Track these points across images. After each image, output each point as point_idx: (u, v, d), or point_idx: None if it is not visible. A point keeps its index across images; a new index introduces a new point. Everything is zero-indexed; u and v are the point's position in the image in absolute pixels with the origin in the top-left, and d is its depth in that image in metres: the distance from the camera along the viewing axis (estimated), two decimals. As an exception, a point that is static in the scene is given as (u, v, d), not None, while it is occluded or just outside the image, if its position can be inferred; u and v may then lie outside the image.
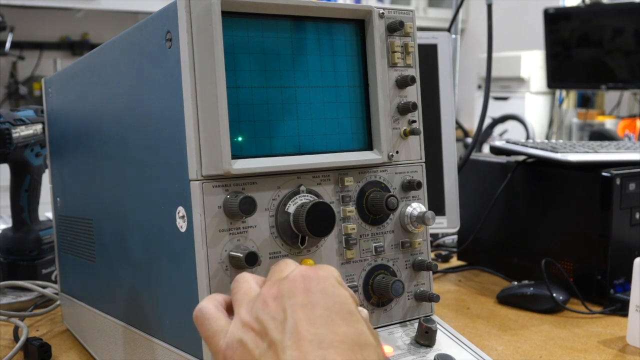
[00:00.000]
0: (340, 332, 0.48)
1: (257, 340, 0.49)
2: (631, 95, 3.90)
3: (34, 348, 0.87)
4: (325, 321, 0.49)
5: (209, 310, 0.54)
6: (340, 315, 0.50)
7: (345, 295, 0.51)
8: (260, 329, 0.49)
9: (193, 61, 0.60)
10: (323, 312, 0.49)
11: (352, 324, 0.49)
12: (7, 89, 3.96)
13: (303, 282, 0.51)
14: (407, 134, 0.73)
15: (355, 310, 0.51)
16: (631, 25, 3.37)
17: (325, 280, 0.51)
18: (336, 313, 0.50)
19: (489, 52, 1.29)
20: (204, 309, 0.54)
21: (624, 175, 1.10)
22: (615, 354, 0.93)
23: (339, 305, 0.50)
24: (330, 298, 0.50)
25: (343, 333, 0.48)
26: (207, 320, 0.53)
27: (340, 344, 0.48)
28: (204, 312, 0.54)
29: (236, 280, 0.56)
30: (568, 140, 1.67)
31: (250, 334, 0.50)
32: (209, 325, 0.53)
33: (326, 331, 0.48)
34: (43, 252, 1.14)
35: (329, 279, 0.52)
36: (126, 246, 0.75)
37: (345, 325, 0.49)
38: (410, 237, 0.74)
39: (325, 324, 0.49)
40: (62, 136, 0.95)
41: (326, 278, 0.52)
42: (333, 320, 0.49)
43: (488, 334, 1.00)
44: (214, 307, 0.54)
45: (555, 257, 1.14)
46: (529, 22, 4.18)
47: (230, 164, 0.60)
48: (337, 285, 0.52)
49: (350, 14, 0.70)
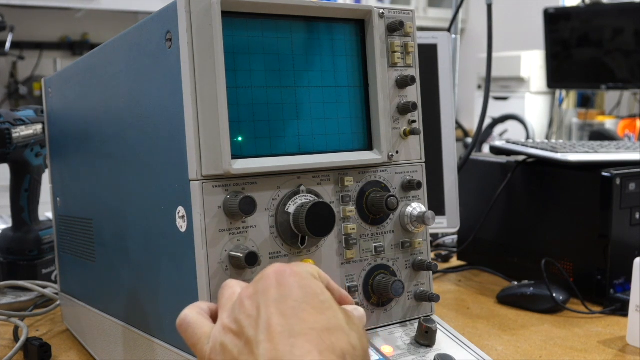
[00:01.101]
0: (310, 319, 0.49)
1: (235, 340, 0.50)
2: (631, 95, 3.90)
3: (34, 348, 0.87)
4: (296, 312, 0.50)
5: (191, 317, 0.55)
6: (311, 305, 0.50)
7: (319, 287, 0.52)
8: (238, 329, 0.51)
9: (193, 61, 0.60)
10: (294, 304, 0.50)
11: (323, 312, 0.50)
12: (7, 89, 3.96)
13: (276, 277, 0.52)
14: (407, 134, 0.73)
15: (329, 299, 0.52)
16: (631, 25, 3.37)
17: (299, 274, 0.52)
18: (307, 303, 0.51)
19: (489, 52, 1.29)
20: (187, 317, 0.55)
21: (624, 175, 1.10)
22: (615, 354, 0.93)
23: (311, 296, 0.51)
24: (302, 289, 0.51)
25: (313, 320, 0.49)
26: (191, 327, 0.55)
27: (310, 330, 0.49)
28: (187, 320, 0.55)
29: (222, 287, 0.57)
30: (568, 140, 1.67)
31: (229, 336, 0.51)
32: (192, 332, 0.54)
33: (296, 321, 0.49)
34: (43, 252, 1.14)
35: (302, 273, 0.53)
36: (126, 246, 0.75)
37: (316, 313, 0.50)
38: (410, 237, 0.74)
39: (296, 314, 0.50)
40: (62, 136, 0.95)
41: (299, 272, 0.53)
42: (304, 310, 0.50)
43: (488, 334, 1.00)
44: (197, 314, 0.56)
45: (555, 257, 1.14)
46: (529, 22, 4.18)
47: (230, 164, 0.60)
48: (311, 278, 0.53)
49: (350, 14, 0.70)
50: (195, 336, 0.54)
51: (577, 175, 1.14)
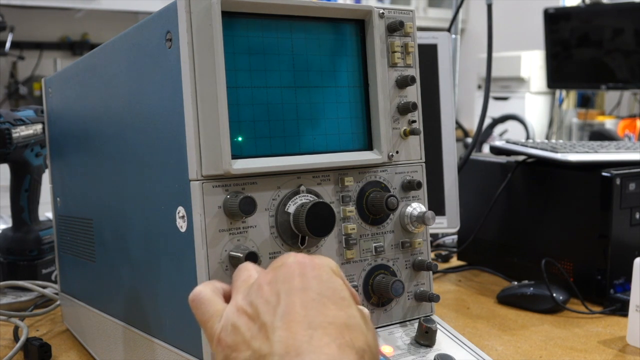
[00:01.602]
0: (330, 314, 0.50)
1: (249, 324, 0.50)
2: (631, 95, 3.90)
3: (34, 348, 0.87)
4: (317, 305, 0.50)
5: (205, 294, 0.55)
6: (332, 300, 0.51)
7: (339, 283, 0.53)
8: (253, 312, 0.50)
9: (193, 61, 0.60)
10: (315, 296, 0.50)
11: (343, 308, 0.51)
12: (7, 89, 3.96)
13: (299, 268, 0.52)
14: (407, 134, 0.73)
15: (349, 297, 0.52)
16: (631, 25, 3.37)
17: (320, 268, 0.52)
18: (328, 298, 0.51)
19: (489, 52, 1.29)
20: (201, 294, 0.55)
21: (624, 175, 1.10)
22: (615, 354, 0.93)
23: (332, 291, 0.51)
24: (324, 284, 0.51)
25: (333, 315, 0.50)
26: (203, 304, 0.54)
27: (329, 325, 0.49)
28: (200, 296, 0.55)
29: (238, 269, 0.57)
30: (568, 140, 1.67)
31: (243, 318, 0.51)
32: (205, 309, 0.54)
33: (316, 313, 0.49)
34: (43, 252, 1.14)
35: (323, 267, 0.53)
36: (126, 246, 0.75)
37: (336, 309, 0.50)
38: (410, 237, 0.74)
39: (317, 307, 0.50)
40: (62, 136, 0.95)
41: (321, 266, 0.53)
42: (324, 305, 0.50)
43: (488, 334, 1.00)
44: (211, 292, 0.55)
45: (555, 257, 1.14)
46: (529, 22, 4.18)
47: (230, 164, 0.60)
48: (332, 274, 0.53)
49: (350, 14, 0.70)
50: (207, 313, 0.53)
51: (577, 175, 1.14)
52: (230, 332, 0.51)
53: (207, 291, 0.55)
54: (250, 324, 0.50)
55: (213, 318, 0.53)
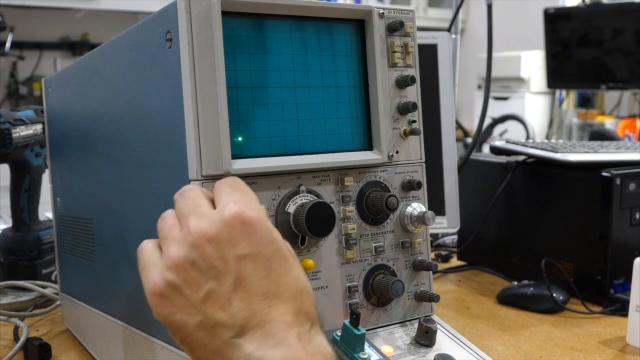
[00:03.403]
0: (281, 281, 0.51)
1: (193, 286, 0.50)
2: (631, 95, 3.90)
3: (34, 348, 0.87)
4: (267, 272, 0.51)
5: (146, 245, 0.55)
6: (279, 263, 0.52)
7: (278, 239, 0.53)
8: (197, 274, 0.50)
9: (193, 61, 0.60)
10: (265, 263, 0.51)
11: (290, 271, 0.52)
12: (7, 89, 3.96)
13: (241, 227, 0.51)
14: (407, 134, 0.73)
15: (287, 253, 0.53)
16: (631, 25, 3.37)
17: (262, 224, 0.52)
18: (275, 261, 0.51)
19: (489, 52, 1.29)
20: (143, 244, 0.55)
21: (624, 175, 1.10)
22: (615, 354, 0.93)
23: (277, 253, 0.52)
24: (270, 246, 0.52)
25: (284, 282, 0.51)
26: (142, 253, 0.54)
27: (283, 293, 0.51)
28: (142, 246, 0.55)
29: (161, 218, 0.56)
30: (568, 140, 1.67)
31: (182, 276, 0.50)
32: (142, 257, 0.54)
33: (269, 282, 0.50)
34: (43, 252, 1.14)
35: (264, 222, 0.52)
36: (126, 246, 0.75)
37: (285, 273, 0.51)
38: (410, 237, 0.74)
39: (268, 275, 0.51)
40: (62, 136, 0.95)
41: (261, 221, 0.52)
42: (274, 270, 0.51)
43: (488, 334, 1.00)
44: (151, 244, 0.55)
45: (555, 257, 1.14)
46: (529, 22, 4.18)
47: (230, 164, 0.60)
48: (271, 228, 0.53)
49: (350, 14, 0.70)
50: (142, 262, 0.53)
51: (577, 175, 1.14)
52: (170, 290, 0.50)
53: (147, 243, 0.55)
54: (193, 286, 0.50)
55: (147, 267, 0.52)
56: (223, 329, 0.49)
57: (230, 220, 0.51)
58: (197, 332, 0.50)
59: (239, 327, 0.49)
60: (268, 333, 0.49)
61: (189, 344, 0.51)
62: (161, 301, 0.51)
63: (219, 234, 0.50)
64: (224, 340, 0.49)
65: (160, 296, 0.51)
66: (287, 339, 0.49)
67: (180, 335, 0.51)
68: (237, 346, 0.49)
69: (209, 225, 0.51)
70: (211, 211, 0.53)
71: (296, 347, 0.49)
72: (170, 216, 0.55)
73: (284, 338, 0.49)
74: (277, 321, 0.50)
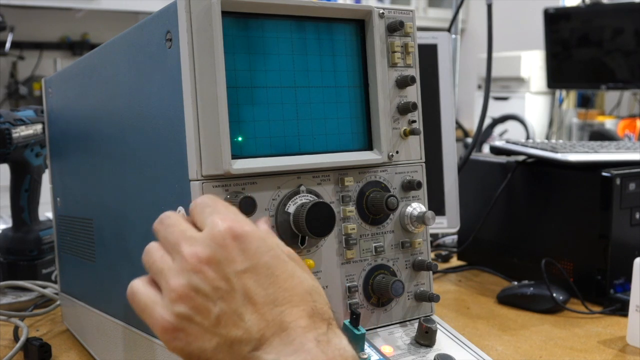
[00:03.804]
0: (287, 285, 0.51)
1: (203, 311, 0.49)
2: (631, 95, 3.90)
3: (34, 348, 0.87)
4: (271, 280, 0.50)
5: (137, 285, 0.53)
6: (280, 269, 0.51)
7: (275, 244, 0.53)
8: (203, 300, 0.49)
9: (193, 61, 0.60)
10: (266, 272, 0.50)
11: (293, 274, 0.52)
12: (7, 89, 3.96)
13: (235, 242, 0.51)
14: (407, 134, 0.73)
15: (286, 257, 0.53)
16: (631, 25, 3.37)
17: (254, 235, 0.52)
18: (277, 267, 0.51)
19: (489, 52, 1.29)
20: (134, 286, 0.54)
21: (624, 175, 1.10)
22: (615, 354, 0.93)
23: (275, 259, 0.52)
24: (267, 254, 0.51)
25: (290, 286, 0.51)
26: (137, 295, 0.53)
27: (292, 297, 0.50)
28: (133, 288, 0.54)
29: (147, 253, 0.54)
30: (568, 140, 1.67)
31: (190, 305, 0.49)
32: (139, 299, 0.53)
33: (275, 289, 0.50)
34: (43, 252, 1.14)
35: (255, 232, 0.52)
36: (126, 246, 0.75)
37: (289, 278, 0.51)
38: (410, 237, 0.74)
39: (272, 282, 0.50)
40: (62, 136, 0.95)
41: (251, 232, 0.52)
42: (278, 277, 0.51)
43: (488, 334, 1.00)
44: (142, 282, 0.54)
45: (555, 257, 1.14)
46: (529, 22, 4.18)
47: (230, 164, 0.60)
48: (264, 237, 0.52)
49: (350, 14, 0.70)
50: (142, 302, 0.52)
51: (577, 175, 1.14)
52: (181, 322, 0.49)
53: (138, 282, 0.54)
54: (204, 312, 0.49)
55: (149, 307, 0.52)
56: (240, 345, 0.49)
57: (222, 239, 0.50)
58: (216, 355, 0.49)
59: (256, 339, 0.49)
60: (286, 340, 0.49)
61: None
62: (175, 335, 0.50)
63: (214, 255, 0.50)
64: (243, 355, 0.49)
65: (173, 331, 0.50)
66: (305, 344, 0.49)
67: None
68: (256, 359, 0.49)
69: (202, 248, 0.50)
70: (199, 234, 0.52)
71: (315, 352, 0.48)
72: (156, 248, 0.54)
73: (302, 344, 0.49)
74: (292, 327, 0.49)
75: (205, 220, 0.53)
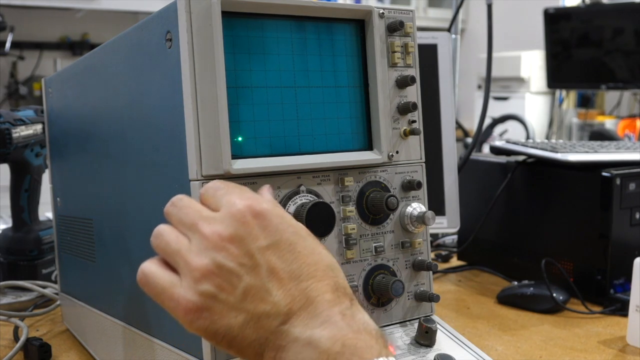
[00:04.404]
0: (310, 261, 0.51)
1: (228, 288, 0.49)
2: (631, 95, 3.90)
3: (34, 348, 0.87)
4: (294, 256, 0.51)
5: (150, 269, 0.53)
6: (300, 245, 0.52)
7: (293, 222, 0.53)
8: (229, 276, 0.49)
9: (193, 61, 0.60)
10: (289, 247, 0.51)
11: (314, 250, 0.52)
12: (7, 89, 3.96)
13: (255, 220, 0.51)
14: (407, 134, 0.73)
15: (304, 232, 0.53)
16: (631, 25, 3.37)
17: (273, 212, 0.52)
18: (297, 244, 0.52)
19: (489, 52, 1.29)
20: (146, 269, 0.53)
21: (624, 175, 1.10)
22: (615, 354, 0.93)
23: (295, 235, 0.52)
24: (287, 231, 0.52)
25: (313, 262, 0.51)
26: (152, 279, 0.52)
27: (315, 272, 0.51)
28: (146, 272, 0.53)
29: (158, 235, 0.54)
30: (568, 140, 1.67)
31: (215, 281, 0.49)
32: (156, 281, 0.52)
33: (299, 265, 0.51)
34: (43, 252, 1.14)
35: (274, 209, 0.53)
36: (126, 246, 0.75)
37: (309, 254, 0.52)
38: (410, 237, 0.74)
39: (295, 258, 0.51)
40: (62, 136, 0.95)
41: (271, 209, 0.52)
42: (299, 252, 0.51)
43: (488, 334, 1.00)
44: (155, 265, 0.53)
45: (555, 257, 1.14)
46: (529, 22, 4.18)
47: (230, 164, 0.60)
48: (283, 214, 0.53)
49: (350, 14, 0.70)
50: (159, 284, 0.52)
51: (577, 175, 1.14)
52: (205, 301, 0.49)
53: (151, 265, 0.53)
54: (228, 289, 0.49)
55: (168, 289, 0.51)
56: (268, 319, 0.49)
57: (242, 216, 0.51)
58: (243, 332, 0.49)
59: (284, 314, 0.49)
60: (313, 313, 0.49)
61: (237, 345, 0.50)
62: (199, 315, 0.50)
63: (237, 232, 0.50)
64: (272, 330, 0.49)
65: (196, 311, 0.50)
66: (331, 317, 0.49)
67: (227, 340, 0.50)
68: (284, 332, 0.49)
69: (223, 227, 0.50)
70: (217, 214, 0.52)
71: (342, 325, 0.49)
72: (168, 230, 0.54)
73: (329, 316, 0.49)
74: (318, 300, 0.50)
75: (220, 201, 0.53)
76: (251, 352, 0.50)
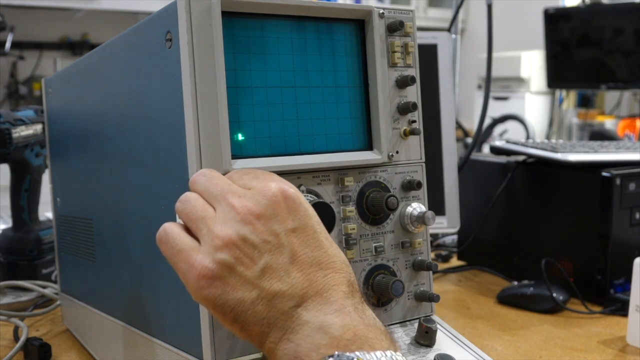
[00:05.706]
0: (331, 252, 0.53)
1: (247, 262, 0.50)
2: (631, 95, 3.90)
3: (34, 348, 0.87)
4: (317, 243, 0.52)
5: (173, 229, 0.53)
6: (322, 235, 0.53)
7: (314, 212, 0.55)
8: (250, 250, 0.50)
9: (193, 61, 0.60)
10: (313, 234, 0.52)
11: (331, 243, 0.54)
12: (7, 89, 3.96)
13: (285, 202, 0.52)
14: (407, 134, 0.73)
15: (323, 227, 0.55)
16: (631, 25, 3.37)
17: (301, 198, 0.54)
18: (320, 233, 0.53)
19: (489, 52, 1.29)
20: (168, 228, 0.53)
21: (624, 175, 1.10)
22: (615, 354, 0.93)
23: (319, 225, 0.54)
24: (313, 218, 0.53)
25: (333, 254, 0.53)
26: (173, 238, 0.52)
27: (334, 264, 0.52)
28: (168, 230, 0.53)
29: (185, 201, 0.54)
30: (568, 140, 1.67)
31: (235, 253, 0.50)
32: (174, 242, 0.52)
33: (321, 253, 0.52)
34: (43, 252, 1.14)
35: (302, 197, 0.54)
36: (126, 246, 0.75)
37: (329, 245, 0.53)
38: (410, 237, 0.74)
39: (318, 246, 0.52)
40: (62, 136, 0.95)
41: (300, 196, 0.54)
42: (322, 242, 0.53)
43: (488, 334, 1.00)
44: (178, 227, 0.53)
45: (555, 257, 1.14)
46: (529, 22, 4.18)
47: (230, 164, 0.60)
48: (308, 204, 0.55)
49: (350, 14, 0.70)
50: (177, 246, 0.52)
51: (577, 175, 1.14)
52: (222, 270, 0.49)
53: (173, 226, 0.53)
54: (247, 262, 0.50)
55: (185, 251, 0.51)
56: (283, 299, 0.50)
57: (273, 197, 0.52)
58: (254, 307, 0.50)
59: (299, 296, 0.50)
60: (327, 300, 0.50)
61: (243, 321, 0.50)
62: (212, 283, 0.50)
63: (265, 211, 0.51)
64: (284, 310, 0.50)
65: (210, 278, 0.50)
66: (345, 307, 0.50)
67: (234, 314, 0.50)
68: (296, 315, 0.50)
69: (253, 203, 0.51)
70: (248, 191, 0.53)
71: (354, 316, 0.50)
72: (195, 197, 0.54)
73: (343, 306, 0.50)
74: (334, 290, 0.51)
75: (249, 183, 0.54)
76: (256, 330, 0.50)
